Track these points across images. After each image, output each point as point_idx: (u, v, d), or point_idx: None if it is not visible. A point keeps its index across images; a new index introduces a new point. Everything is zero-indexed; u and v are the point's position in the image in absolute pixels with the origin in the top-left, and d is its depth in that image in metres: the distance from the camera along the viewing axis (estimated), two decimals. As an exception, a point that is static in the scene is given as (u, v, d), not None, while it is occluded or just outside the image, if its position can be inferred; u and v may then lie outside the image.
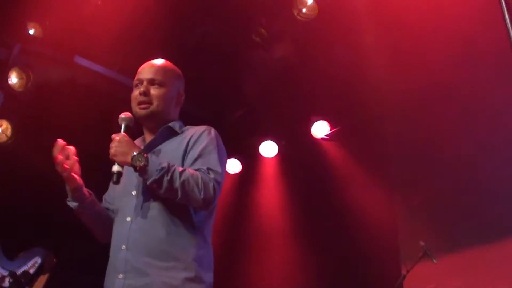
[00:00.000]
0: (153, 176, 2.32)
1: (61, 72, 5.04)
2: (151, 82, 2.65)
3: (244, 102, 6.02)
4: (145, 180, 2.38)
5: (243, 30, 5.14)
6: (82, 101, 4.90)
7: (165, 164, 2.34)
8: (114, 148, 2.38)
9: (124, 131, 2.49)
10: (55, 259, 3.97)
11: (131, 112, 2.60)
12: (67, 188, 2.55)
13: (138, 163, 2.32)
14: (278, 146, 6.31)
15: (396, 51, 4.94)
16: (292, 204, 6.12)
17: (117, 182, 2.39)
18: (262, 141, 6.30)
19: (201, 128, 2.65)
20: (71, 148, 2.51)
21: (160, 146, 2.62)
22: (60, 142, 2.49)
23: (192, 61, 5.16)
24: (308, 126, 6.09)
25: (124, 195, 2.58)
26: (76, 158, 2.51)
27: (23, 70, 4.91)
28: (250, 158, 6.44)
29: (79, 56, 5.10)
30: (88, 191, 2.60)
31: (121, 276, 2.36)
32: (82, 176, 2.54)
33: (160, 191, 2.35)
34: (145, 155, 2.34)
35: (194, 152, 2.52)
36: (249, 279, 5.87)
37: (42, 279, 3.86)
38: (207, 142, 2.56)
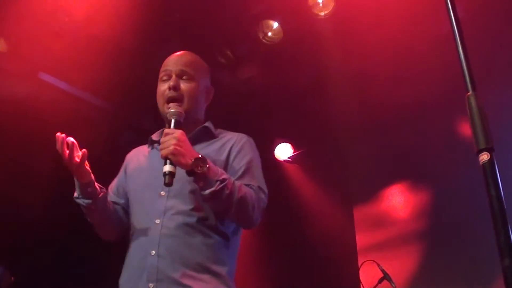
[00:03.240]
0: (213, 186, 2.07)
1: (25, 88, 4.99)
2: (180, 74, 2.41)
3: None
4: (200, 189, 2.11)
5: (209, 51, 5.18)
6: (45, 118, 4.86)
7: (225, 176, 2.12)
8: (172, 146, 2.08)
9: (175, 127, 2.21)
10: (12, 278, 3.89)
11: (161, 111, 2.38)
12: (77, 184, 2.27)
13: (200, 168, 2.06)
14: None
15: (360, 76, 5.06)
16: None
17: (170, 184, 2.08)
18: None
19: (242, 136, 2.46)
20: (73, 140, 2.21)
21: (196, 148, 2.27)
22: (60, 136, 2.19)
23: (156, 81, 5.18)
24: (271, 148, 6.15)
25: (146, 192, 2.33)
26: (84, 150, 2.22)
27: (-14, 85, 4.85)
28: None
29: (43, 73, 5.07)
30: (99, 186, 2.33)
31: (151, 285, 2.11)
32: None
33: (215, 203, 2.14)
34: (207, 161, 2.09)
35: (239, 163, 2.31)
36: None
37: (-2, 297, 3.78)
38: (253, 155, 2.37)
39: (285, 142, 6.15)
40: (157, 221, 2.22)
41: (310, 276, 5.46)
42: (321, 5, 4.60)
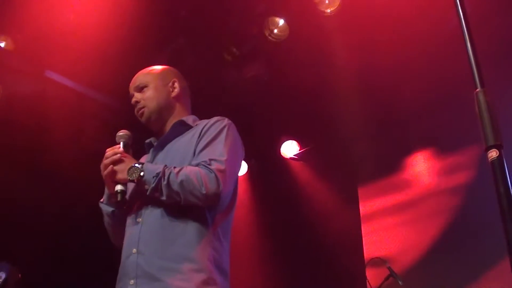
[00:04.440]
0: (151, 184, 2.18)
1: (31, 85, 5.00)
2: (137, 89, 2.59)
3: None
4: (146, 191, 2.22)
5: (215, 48, 5.18)
6: (52, 115, 4.88)
7: (160, 169, 2.20)
8: (106, 171, 2.29)
9: (123, 148, 2.38)
10: (20, 275, 3.90)
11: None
12: (106, 191, 2.44)
13: (134, 175, 2.21)
14: (248, 165, 6.34)
15: (367, 73, 5.04)
16: (260, 222, 6.14)
17: (122, 201, 2.28)
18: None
19: (213, 119, 2.50)
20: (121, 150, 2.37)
21: (172, 142, 2.49)
22: (118, 146, 2.38)
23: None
24: (277, 146, 6.14)
25: (134, 194, 2.41)
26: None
27: (-7, 83, 4.87)
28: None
29: (49, 71, 5.08)
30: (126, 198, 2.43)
31: (132, 282, 2.18)
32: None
33: (162, 198, 2.19)
34: (141, 166, 2.23)
35: (201, 144, 2.36)
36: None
37: (6, 294, 3.79)
38: (217, 133, 2.39)
39: (291, 139, 6.14)
40: (139, 219, 2.32)
41: (317, 273, 5.45)
42: (327, 2, 4.59)
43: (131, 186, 2.40)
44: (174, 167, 2.23)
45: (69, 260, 5.32)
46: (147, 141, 2.68)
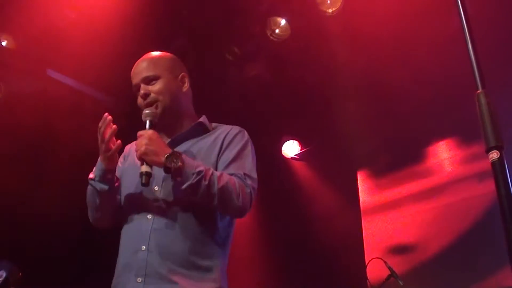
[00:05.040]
0: (189, 180, 2.10)
1: (33, 84, 5.01)
2: (146, 81, 2.41)
3: (215, 119, 6.03)
4: (178, 183, 2.14)
5: (217, 47, 5.18)
6: (54, 114, 4.88)
7: (202, 167, 2.13)
8: (144, 146, 2.15)
9: (150, 128, 2.25)
10: (20, 273, 3.89)
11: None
12: (102, 168, 2.27)
13: (173, 164, 2.09)
14: (249, 164, 6.33)
15: (368, 73, 5.04)
16: (261, 221, 6.14)
17: (147, 184, 2.15)
18: (233, 159, 6.32)
19: (235, 128, 2.46)
20: (115, 127, 2.23)
21: (188, 143, 2.39)
22: (109, 116, 2.22)
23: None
24: (279, 146, 6.14)
25: (139, 189, 2.30)
26: (119, 141, 2.27)
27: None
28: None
29: (51, 70, 5.08)
30: (116, 176, 2.37)
31: (140, 280, 2.13)
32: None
33: (195, 196, 2.14)
34: (181, 155, 2.13)
35: (228, 154, 2.32)
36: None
37: (6, 293, 3.78)
38: (242, 145, 2.37)
39: (293, 139, 6.14)
40: (149, 216, 2.24)
41: (317, 273, 5.45)
42: (328, 2, 4.59)
43: (130, 174, 2.35)
44: (217, 171, 2.22)
45: (71, 258, 5.33)
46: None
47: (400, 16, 4.43)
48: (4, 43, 4.78)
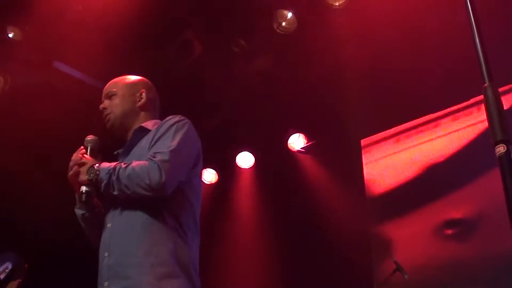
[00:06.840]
0: (104, 180, 2.32)
1: (39, 76, 5.01)
2: (107, 96, 2.71)
3: (222, 112, 6.04)
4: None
5: (223, 40, 5.17)
6: (60, 106, 4.89)
7: (112, 166, 2.35)
8: (69, 174, 2.43)
9: (90, 154, 2.48)
10: (26, 265, 3.91)
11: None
12: (77, 196, 2.51)
13: (92, 175, 2.34)
14: (255, 158, 6.34)
15: (375, 66, 5.01)
16: (267, 215, 6.14)
17: (86, 201, 2.42)
18: (239, 152, 6.32)
19: (167, 118, 2.58)
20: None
21: (135, 148, 2.58)
22: (83, 150, 2.50)
23: (171, 69, 5.18)
24: (285, 139, 6.13)
25: (106, 201, 2.52)
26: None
27: (0, 73, 4.88)
28: (227, 169, 6.45)
29: (58, 62, 5.08)
30: (97, 200, 2.57)
31: (106, 284, 2.30)
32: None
33: (114, 193, 2.32)
34: (95, 165, 2.36)
35: (153, 142, 2.47)
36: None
37: (13, 285, 3.79)
38: (166, 129, 2.48)
39: (299, 132, 6.13)
40: (109, 225, 2.43)
41: (322, 266, 5.44)
42: (335, -6, 4.57)
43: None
44: (124, 163, 2.37)
45: (77, 250, 5.34)
46: (115, 152, 2.75)
47: (408, 8, 4.40)
48: (11, 35, 4.79)
